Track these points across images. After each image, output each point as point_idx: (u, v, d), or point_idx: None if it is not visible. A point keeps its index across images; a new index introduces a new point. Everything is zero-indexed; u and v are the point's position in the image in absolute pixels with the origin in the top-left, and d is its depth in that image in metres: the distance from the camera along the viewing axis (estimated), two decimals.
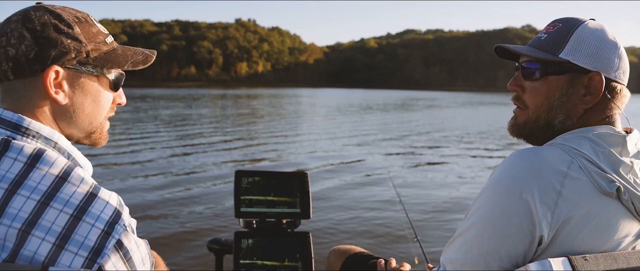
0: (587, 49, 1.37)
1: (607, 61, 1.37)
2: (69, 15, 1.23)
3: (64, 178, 1.09)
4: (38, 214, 1.03)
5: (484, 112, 40.26)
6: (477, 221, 1.29)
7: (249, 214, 2.46)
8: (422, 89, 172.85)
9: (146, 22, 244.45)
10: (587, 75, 1.36)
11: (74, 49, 1.21)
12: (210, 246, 2.68)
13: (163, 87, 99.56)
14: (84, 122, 1.28)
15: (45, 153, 1.12)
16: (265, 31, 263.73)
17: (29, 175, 1.07)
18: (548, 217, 1.22)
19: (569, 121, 1.39)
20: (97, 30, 1.27)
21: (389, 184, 9.21)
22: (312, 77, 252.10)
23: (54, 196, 1.06)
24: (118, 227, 1.08)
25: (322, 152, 14.75)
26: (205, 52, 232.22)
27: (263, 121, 26.04)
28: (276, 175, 2.52)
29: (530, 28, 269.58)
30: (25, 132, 1.17)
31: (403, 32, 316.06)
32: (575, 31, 1.39)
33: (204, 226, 6.85)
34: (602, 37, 1.39)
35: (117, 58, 1.30)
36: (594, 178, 1.26)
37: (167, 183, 9.68)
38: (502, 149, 16.73)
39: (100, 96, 1.29)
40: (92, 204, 1.07)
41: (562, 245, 1.24)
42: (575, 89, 1.38)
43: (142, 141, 16.22)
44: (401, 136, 20.48)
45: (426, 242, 5.02)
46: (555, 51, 1.39)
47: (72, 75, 1.23)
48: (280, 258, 2.41)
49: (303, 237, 2.46)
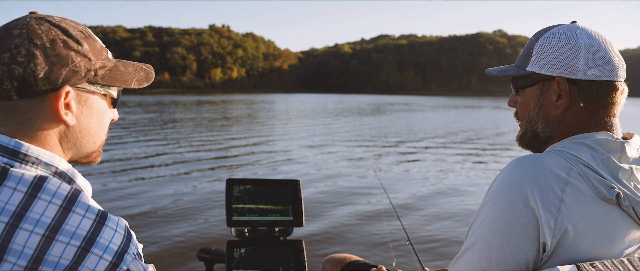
0: (547, 57, 1.41)
1: (568, 64, 1.38)
2: (75, 30, 1.16)
3: (68, 208, 1.02)
4: (43, 250, 0.96)
5: (475, 115, 40.67)
6: (483, 234, 1.28)
7: (241, 223, 2.43)
8: (397, 94, 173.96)
9: (119, 28, 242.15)
10: (554, 81, 1.40)
11: (85, 68, 1.14)
12: (201, 255, 2.64)
13: (136, 94, 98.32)
14: (88, 143, 1.22)
15: (47, 181, 1.04)
16: (239, 37, 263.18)
17: (31, 207, 1.00)
18: (551, 224, 1.22)
19: (549, 128, 1.43)
20: (100, 46, 1.21)
21: (380, 189, 9.24)
22: (286, 83, 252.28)
23: (59, 228, 0.99)
24: (126, 257, 1.03)
25: (312, 158, 14.69)
26: (179, 58, 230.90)
27: (246, 128, 25.86)
28: (268, 183, 2.49)
29: (502, 33, 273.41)
30: (24, 158, 1.08)
31: (377, 37, 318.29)
32: (537, 42, 1.44)
33: (195, 235, 6.77)
34: (564, 41, 1.40)
35: (123, 76, 1.24)
36: (593, 184, 1.26)
37: (155, 192, 9.55)
38: (501, 150, 16.90)
39: (104, 114, 1.24)
40: (100, 234, 1.01)
41: (567, 253, 1.24)
42: (546, 97, 1.42)
43: (128, 150, 15.98)
44: (387, 139, 20.58)
45: (418, 244, 5.41)
46: (524, 65, 1.46)
47: (80, 94, 1.16)
48: (273, 267, 2.38)
49: (296, 245, 2.43)
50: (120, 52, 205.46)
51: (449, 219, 7.79)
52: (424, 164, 14.07)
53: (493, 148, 18.45)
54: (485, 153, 16.72)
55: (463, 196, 9.64)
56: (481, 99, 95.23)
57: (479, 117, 39.94)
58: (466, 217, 7.86)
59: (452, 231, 7.15)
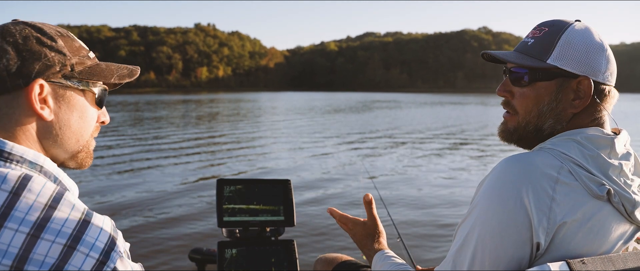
0: (574, 54, 1.36)
1: (594, 65, 1.37)
2: (51, 29, 1.18)
3: (53, 206, 1.01)
4: (29, 249, 0.96)
5: (466, 111, 40.86)
6: (475, 234, 1.28)
7: (232, 223, 2.41)
8: (383, 91, 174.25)
9: (103, 27, 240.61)
10: (576, 80, 1.37)
11: (59, 62, 1.14)
12: (192, 256, 2.64)
13: (122, 94, 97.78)
14: (70, 140, 1.21)
15: (32, 180, 1.03)
16: (225, 36, 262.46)
17: (15, 205, 0.99)
18: (544, 223, 1.22)
19: (559, 125, 1.40)
20: (79, 45, 1.22)
21: (370, 187, 9.23)
22: (273, 81, 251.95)
23: (45, 227, 0.98)
24: (113, 255, 1.02)
25: (301, 157, 14.64)
26: (165, 57, 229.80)
27: (234, 127, 25.80)
28: (259, 183, 2.48)
29: (487, 30, 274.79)
30: (8, 157, 1.08)
31: (363, 34, 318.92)
32: (562, 36, 1.38)
33: (186, 236, 6.74)
34: (589, 40, 1.39)
35: (103, 72, 1.24)
36: (584, 182, 1.26)
37: (145, 193, 9.49)
38: (497, 146, 16.99)
39: (86, 111, 1.23)
40: (86, 232, 1.00)
41: (559, 250, 1.24)
42: (564, 94, 1.38)
43: (115, 151, 15.86)
44: (376, 136, 20.61)
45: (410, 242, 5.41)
46: (543, 57, 1.38)
47: (57, 89, 1.16)
48: (265, 267, 2.37)
49: (287, 245, 2.42)
50: (105, 52, 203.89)
51: (440, 216, 7.82)
52: (414, 160, 14.10)
53: (486, 144, 18.53)
54: (476, 149, 16.79)
55: (455, 192, 9.68)
56: (467, 96, 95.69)
57: (469, 113, 40.13)
58: (458, 215, 7.90)
59: (442, 227, 7.18)
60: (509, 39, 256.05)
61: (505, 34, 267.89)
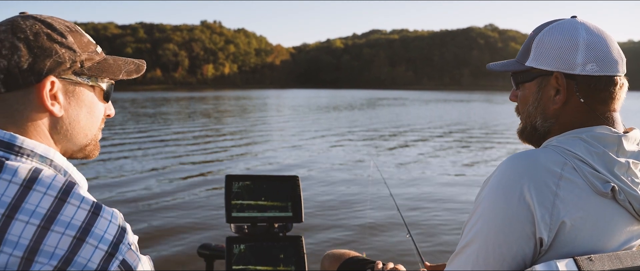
0: (546, 52, 1.41)
1: (565, 59, 1.38)
2: (60, 24, 1.19)
3: (63, 199, 1.03)
4: (39, 241, 0.98)
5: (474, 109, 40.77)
6: (480, 232, 1.30)
7: (240, 219, 2.43)
8: (389, 88, 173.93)
9: (110, 24, 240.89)
10: (552, 76, 1.41)
11: (69, 59, 1.16)
12: (201, 251, 2.65)
13: (129, 91, 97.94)
14: (79, 135, 1.24)
15: (42, 173, 1.05)
16: (231, 33, 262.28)
17: (26, 198, 1.01)
18: (546, 219, 1.23)
19: (547, 122, 1.44)
20: (88, 40, 1.24)
21: (380, 183, 9.22)
22: (278, 79, 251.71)
23: (55, 219, 1.00)
24: (122, 247, 1.04)
25: (310, 154, 14.69)
26: (171, 54, 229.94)
27: (242, 123, 25.85)
28: (267, 179, 2.50)
29: (493, 27, 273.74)
30: (19, 151, 1.10)
31: (369, 32, 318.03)
32: (536, 37, 1.45)
33: (194, 231, 6.77)
34: (560, 36, 1.40)
35: (111, 67, 1.27)
36: (588, 178, 1.27)
37: (153, 188, 9.54)
38: (506, 143, 16.96)
39: (95, 106, 1.26)
40: (95, 225, 1.02)
41: (564, 247, 1.25)
42: (544, 92, 1.43)
43: (124, 147, 15.92)
44: (384, 134, 20.63)
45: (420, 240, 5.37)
46: (524, 60, 1.47)
47: (67, 86, 1.18)
48: (273, 263, 2.39)
49: (296, 241, 2.44)
50: (111, 49, 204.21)
51: (450, 213, 7.83)
52: (424, 157, 14.12)
53: (494, 141, 18.49)
54: (486, 146, 16.76)
55: (465, 190, 9.68)
56: (473, 93, 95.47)
57: (474, 110, 40.03)
58: (467, 212, 7.89)
59: (452, 225, 7.18)
60: (516, 36, 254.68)
61: (511, 32, 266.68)
